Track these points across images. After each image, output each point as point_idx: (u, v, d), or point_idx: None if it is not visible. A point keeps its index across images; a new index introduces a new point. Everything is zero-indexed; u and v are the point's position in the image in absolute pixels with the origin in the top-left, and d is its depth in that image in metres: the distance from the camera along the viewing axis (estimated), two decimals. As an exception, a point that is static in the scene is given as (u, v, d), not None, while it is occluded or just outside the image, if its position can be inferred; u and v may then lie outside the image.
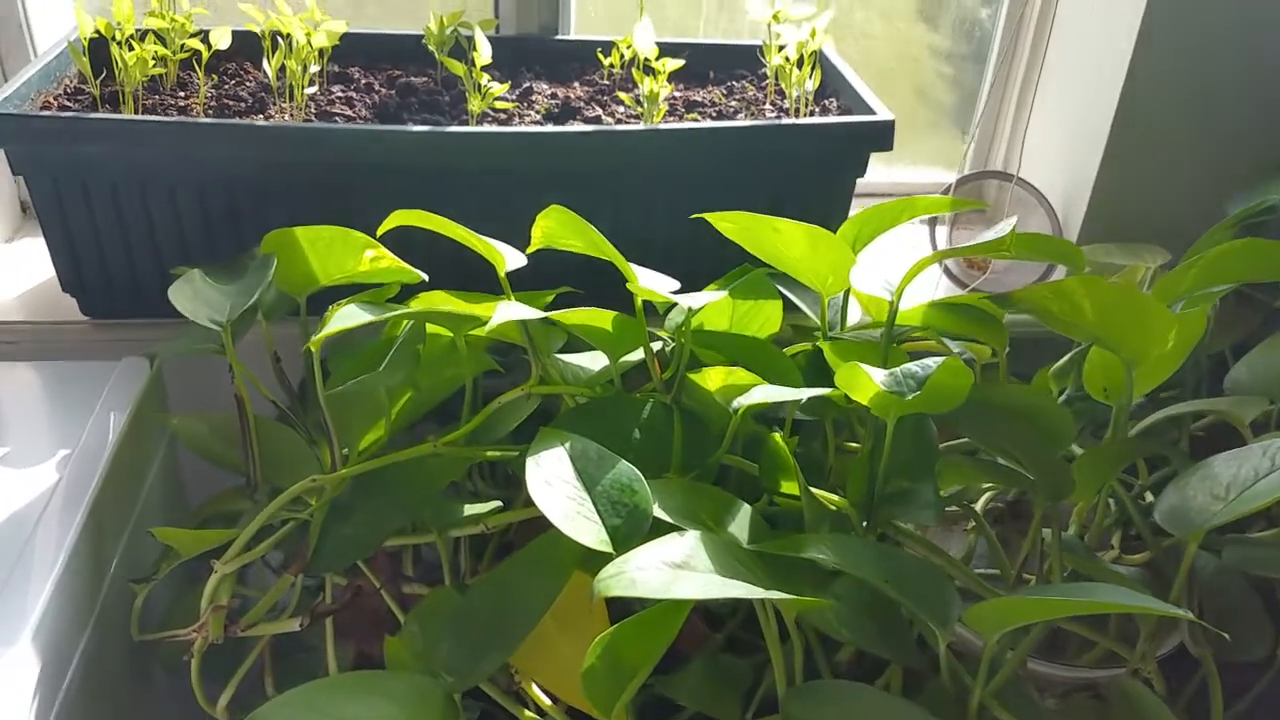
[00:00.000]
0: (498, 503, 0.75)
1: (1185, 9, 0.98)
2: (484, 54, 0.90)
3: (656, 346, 0.76)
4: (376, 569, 0.73)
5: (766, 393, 0.64)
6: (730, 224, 0.76)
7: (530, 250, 0.74)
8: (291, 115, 0.92)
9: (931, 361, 0.58)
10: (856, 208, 0.95)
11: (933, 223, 1.14)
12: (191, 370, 0.88)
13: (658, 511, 0.60)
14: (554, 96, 1.01)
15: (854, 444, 0.80)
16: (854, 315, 0.87)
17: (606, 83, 1.05)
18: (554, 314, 0.67)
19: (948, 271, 1.14)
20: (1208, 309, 0.69)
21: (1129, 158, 1.05)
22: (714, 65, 1.09)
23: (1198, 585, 0.71)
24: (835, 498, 0.69)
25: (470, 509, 0.73)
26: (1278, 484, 0.58)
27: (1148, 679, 0.69)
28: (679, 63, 0.94)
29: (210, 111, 0.92)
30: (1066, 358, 0.80)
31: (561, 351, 0.79)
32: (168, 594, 0.80)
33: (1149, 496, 0.82)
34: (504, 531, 0.78)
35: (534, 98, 1.00)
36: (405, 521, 0.69)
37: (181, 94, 0.95)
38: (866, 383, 0.60)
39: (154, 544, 0.80)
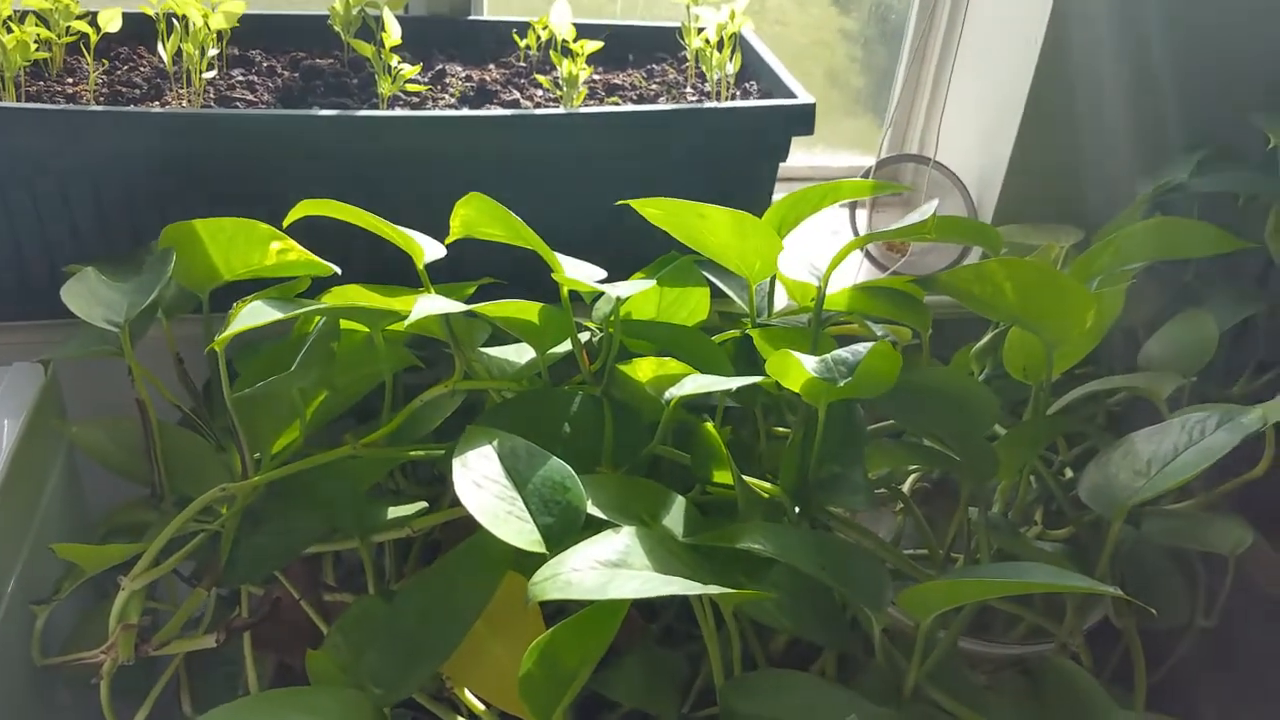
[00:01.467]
0: (423, 504, 0.72)
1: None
2: (394, 34, 0.87)
3: (584, 337, 0.75)
4: (294, 578, 0.70)
5: (699, 383, 0.63)
6: (656, 210, 0.74)
7: (450, 240, 0.71)
8: (189, 101, 0.87)
9: (861, 347, 0.57)
10: (778, 193, 0.95)
11: (853, 206, 1.15)
12: (89, 374, 0.83)
13: (591, 508, 0.58)
14: (469, 79, 0.98)
15: (782, 429, 0.80)
16: (780, 301, 0.87)
17: (523, 65, 1.02)
18: (477, 306, 0.64)
19: (868, 254, 1.15)
20: (1124, 288, 0.70)
21: (1041, 140, 1.06)
22: (633, 48, 1.08)
23: (1119, 558, 0.73)
24: (768, 485, 0.68)
25: (394, 511, 0.71)
26: (1196, 459, 0.59)
27: (1075, 653, 0.70)
28: (597, 44, 0.92)
29: (102, 99, 0.86)
30: (987, 338, 0.81)
31: (486, 345, 0.77)
32: (71, 612, 0.75)
33: (1069, 473, 0.84)
34: (429, 531, 0.76)
35: (447, 80, 0.97)
36: (325, 528, 0.67)
37: (69, 80, 0.89)
38: (798, 369, 0.59)
39: (54, 561, 0.76)
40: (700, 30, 0.98)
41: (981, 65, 1.12)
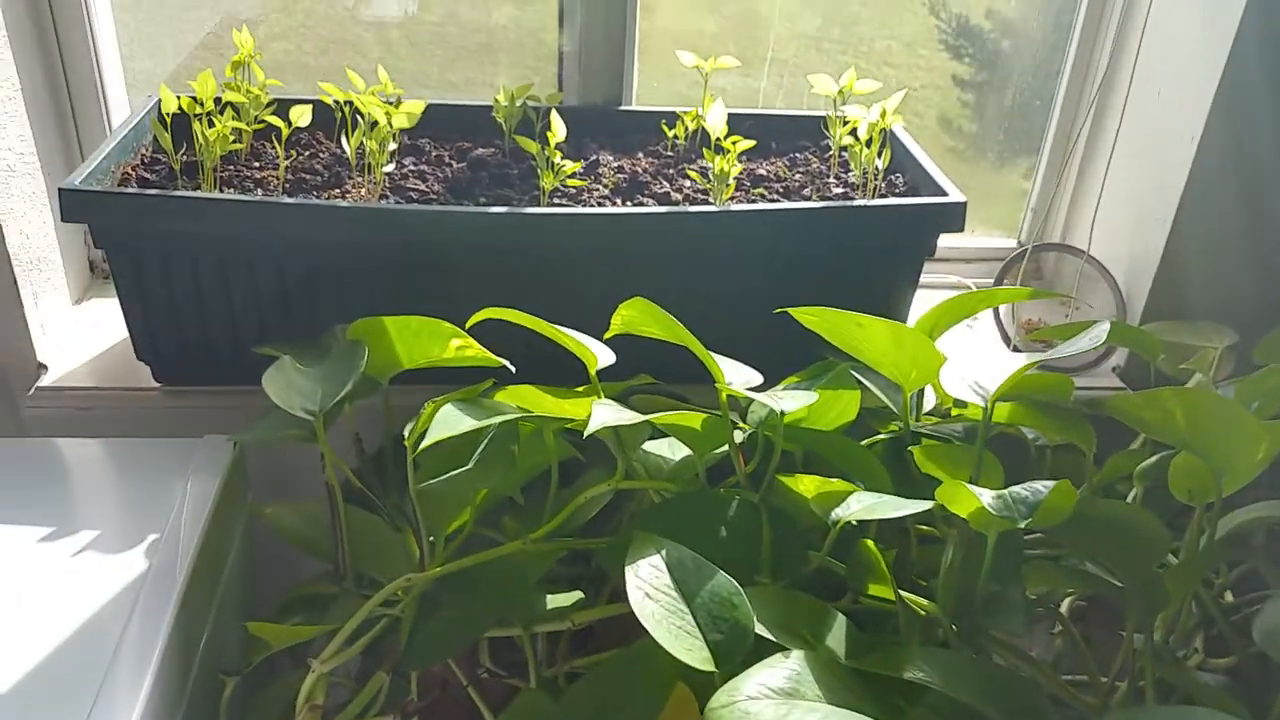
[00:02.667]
0: (579, 594, 0.75)
1: (1255, 88, 0.99)
2: (559, 133, 0.91)
3: (738, 435, 0.76)
4: (457, 660, 0.73)
5: (866, 504, 0.64)
6: (814, 318, 0.76)
7: (608, 336, 0.74)
8: (368, 191, 0.92)
9: (1041, 486, 0.58)
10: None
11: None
12: (271, 447, 0.89)
13: (756, 626, 0.60)
14: (620, 170, 1.01)
15: (924, 525, 0.80)
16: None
17: (671, 155, 1.06)
18: (650, 417, 0.67)
19: (1000, 327, 1.14)
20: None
21: (1196, 236, 1.04)
22: (776, 135, 1.10)
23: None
24: (926, 603, 0.68)
25: (553, 601, 0.74)
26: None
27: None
28: (750, 143, 0.95)
29: (287, 185, 0.93)
30: (1153, 460, 0.79)
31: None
32: (241, 681, 0.80)
33: (1229, 595, 0.82)
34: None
35: (600, 170, 1.01)
36: (495, 619, 0.70)
37: (256, 165, 0.96)
38: (970, 500, 0.60)
39: (234, 628, 0.81)
40: (845, 121, 0.99)
41: (1134, 156, 1.10)
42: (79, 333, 1.02)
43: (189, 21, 1.12)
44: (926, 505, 0.62)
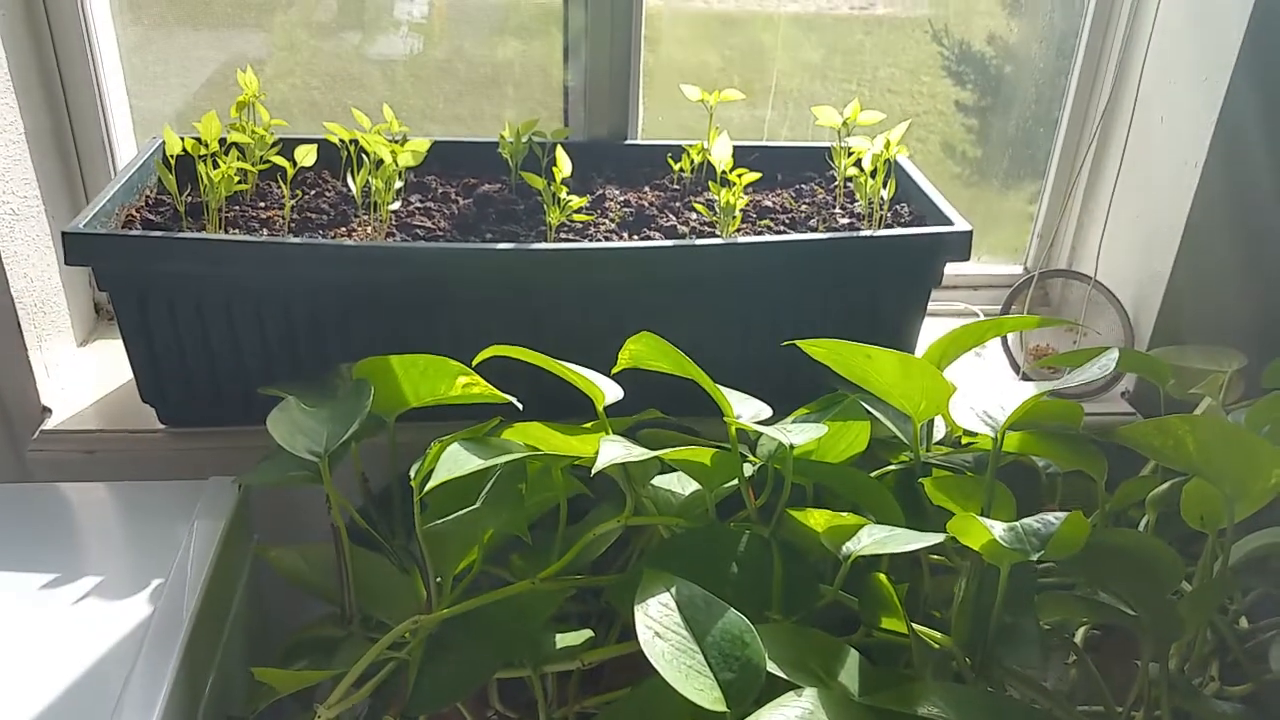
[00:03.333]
0: (589, 633, 0.74)
1: (1256, 114, 0.99)
2: (565, 169, 0.91)
3: (747, 468, 0.76)
4: (466, 702, 0.72)
5: (877, 538, 0.63)
6: (822, 350, 0.76)
7: (616, 370, 0.74)
8: (374, 229, 0.92)
9: (1053, 518, 0.57)
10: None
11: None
12: (269, 490, 0.88)
13: (768, 664, 0.59)
14: (626, 203, 1.02)
15: (937, 556, 0.79)
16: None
17: (677, 188, 1.06)
18: (660, 453, 0.66)
19: (1008, 353, 1.13)
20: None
21: (1202, 261, 1.04)
22: (781, 167, 1.10)
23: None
24: (939, 636, 0.68)
25: (562, 640, 0.73)
26: None
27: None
28: (755, 176, 0.95)
29: (293, 224, 0.93)
30: (1164, 487, 0.79)
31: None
32: None
33: (1243, 621, 0.81)
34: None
35: (607, 204, 1.01)
36: (504, 660, 0.69)
37: (261, 204, 0.96)
38: (982, 532, 0.59)
39: (240, 671, 0.80)
40: (850, 152, 1.00)
41: (1138, 181, 1.11)
42: (83, 376, 1.02)
43: (196, 60, 1.13)
44: (938, 539, 0.61)
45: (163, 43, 1.11)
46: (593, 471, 0.62)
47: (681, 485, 0.79)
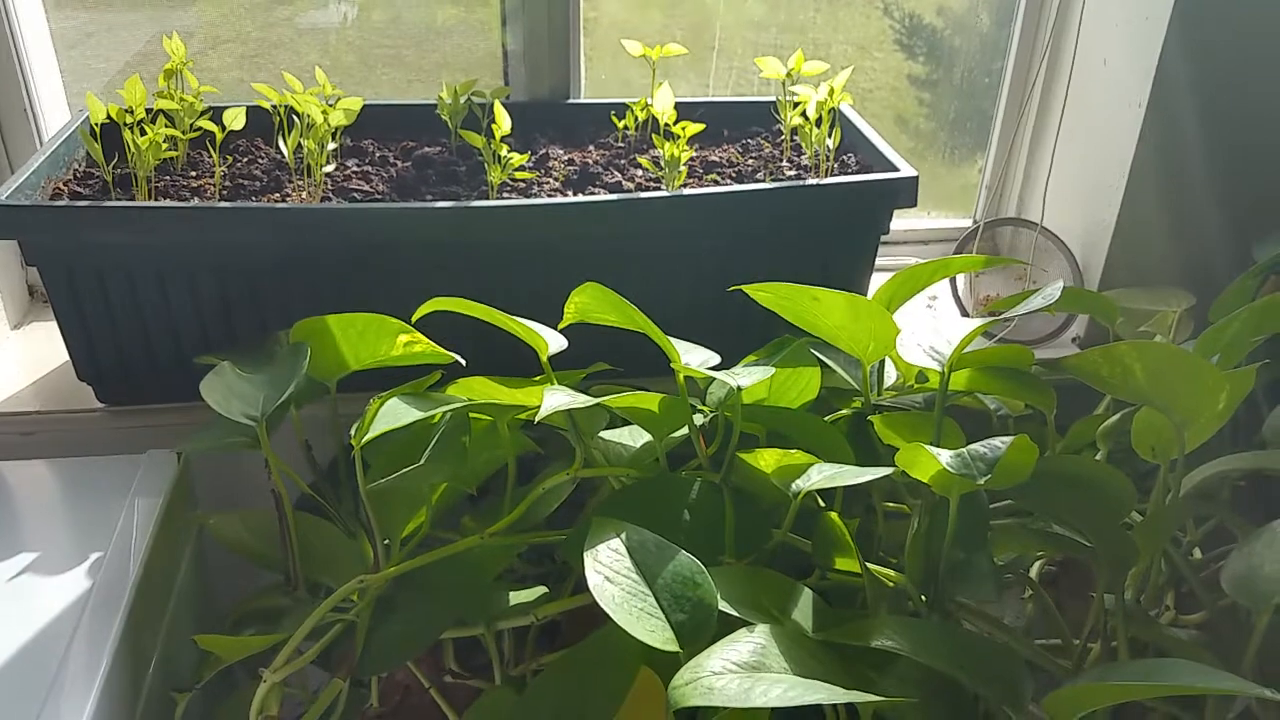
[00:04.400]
0: (543, 589, 0.73)
1: (1199, 50, 0.99)
2: (504, 125, 0.89)
3: (697, 419, 0.75)
4: (420, 664, 0.71)
5: (826, 474, 0.62)
6: (768, 294, 0.75)
7: (563, 326, 0.73)
8: (309, 193, 0.90)
9: (999, 442, 0.57)
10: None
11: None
12: (217, 458, 0.86)
13: (720, 603, 0.58)
14: (570, 162, 1.00)
15: (891, 503, 0.79)
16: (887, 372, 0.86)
17: (622, 145, 1.04)
18: (604, 400, 0.65)
19: (961, 310, 1.14)
20: (1256, 367, 0.68)
21: (1148, 203, 1.05)
22: (727, 123, 1.09)
23: (1263, 650, 0.70)
24: (892, 574, 0.67)
25: (516, 597, 0.72)
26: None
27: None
28: (699, 127, 0.94)
29: (225, 192, 0.90)
30: (1114, 419, 0.79)
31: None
32: (199, 695, 0.77)
33: (1198, 553, 0.81)
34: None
35: (551, 164, 1.00)
36: (454, 617, 0.67)
37: (193, 174, 0.94)
38: (930, 462, 0.59)
39: (187, 643, 0.78)
40: (797, 104, 0.99)
41: (1084, 126, 1.11)
42: (19, 358, 0.99)
43: (127, 36, 1.10)
44: (887, 471, 0.61)
45: (93, 16, 1.08)
46: (537, 418, 0.61)
47: (633, 439, 0.78)
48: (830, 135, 0.97)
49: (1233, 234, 1.07)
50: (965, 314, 1.13)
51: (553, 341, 0.70)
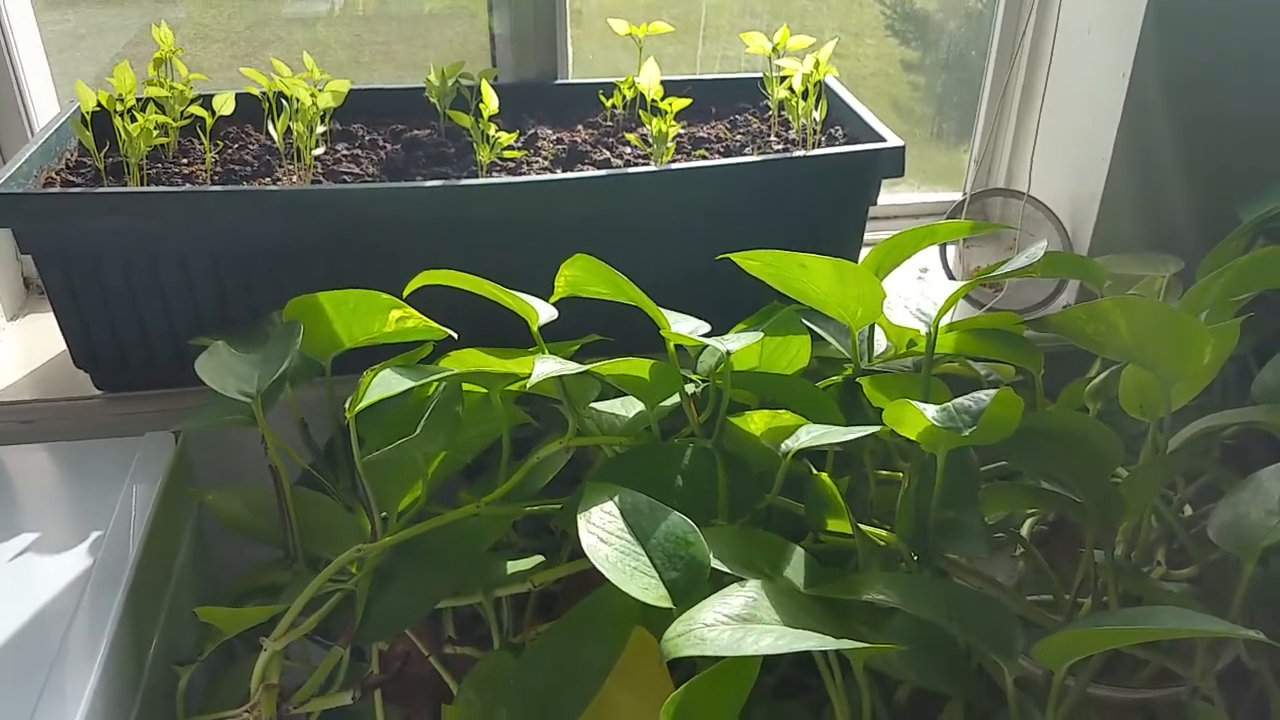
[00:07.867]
0: (540, 557, 0.74)
1: (1181, 19, 0.99)
2: (492, 104, 0.90)
3: (689, 388, 0.76)
4: (419, 633, 0.72)
5: (814, 434, 0.63)
6: (756, 262, 0.75)
7: (555, 299, 0.74)
8: (299, 177, 0.91)
9: (984, 395, 0.57)
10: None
11: (944, 243, 1.15)
12: (215, 438, 0.87)
13: (714, 562, 0.59)
14: (559, 141, 1.01)
15: (886, 471, 0.80)
16: (878, 342, 0.87)
17: (610, 124, 1.05)
18: (593, 367, 0.66)
19: (951, 280, 1.14)
20: (1240, 322, 0.69)
21: (1135, 171, 1.05)
22: (715, 99, 1.10)
23: (1251, 598, 0.70)
24: (884, 533, 0.68)
25: (513, 565, 0.72)
26: (1335, 496, 0.57)
27: (1207, 696, 0.68)
28: (686, 101, 0.94)
29: (216, 177, 0.91)
30: (1101, 377, 0.80)
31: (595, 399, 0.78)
32: (202, 671, 0.78)
33: (1188, 509, 0.82)
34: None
35: (539, 144, 1.00)
36: (451, 585, 0.68)
37: (184, 161, 0.94)
38: (917, 418, 0.59)
39: (189, 620, 0.79)
40: (784, 79, 0.99)
41: (1069, 97, 1.11)
42: (16, 348, 1.00)
43: (117, 27, 1.10)
44: (874, 429, 0.62)
45: (82, 17, 1.09)
46: (528, 385, 0.62)
47: (625, 409, 0.78)
48: (817, 108, 0.97)
49: (1219, 200, 1.08)
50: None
51: (543, 312, 0.70)
